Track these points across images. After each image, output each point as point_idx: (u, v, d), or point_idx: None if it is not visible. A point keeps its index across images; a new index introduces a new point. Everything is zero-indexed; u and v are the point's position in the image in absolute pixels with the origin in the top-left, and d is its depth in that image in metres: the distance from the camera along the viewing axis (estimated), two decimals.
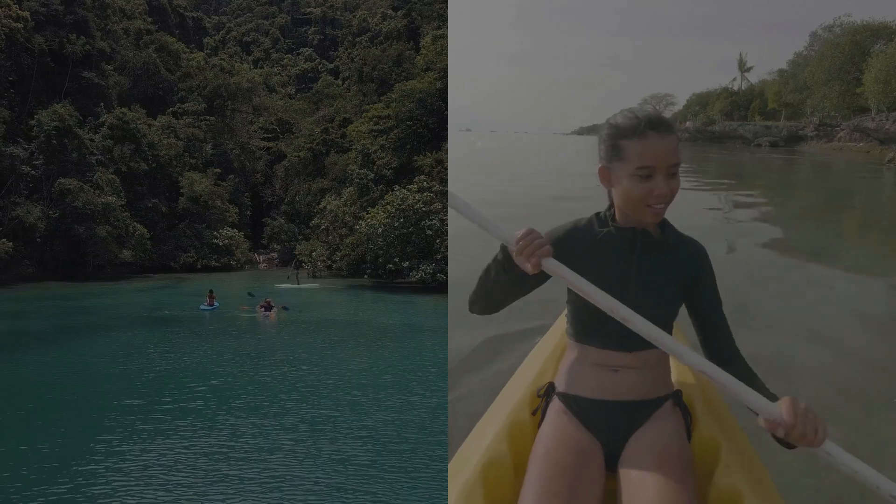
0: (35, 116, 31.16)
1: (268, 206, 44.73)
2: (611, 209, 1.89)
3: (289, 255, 36.62)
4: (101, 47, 36.86)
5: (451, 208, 1.63)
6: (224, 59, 51.22)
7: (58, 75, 34.49)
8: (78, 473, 5.87)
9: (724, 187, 22.52)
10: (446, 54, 28.27)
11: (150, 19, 48.80)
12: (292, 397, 8.58)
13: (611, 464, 1.87)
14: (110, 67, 38.46)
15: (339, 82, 55.72)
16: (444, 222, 22.73)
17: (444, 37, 29.76)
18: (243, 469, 5.93)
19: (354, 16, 65.68)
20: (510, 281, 1.78)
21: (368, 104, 34.78)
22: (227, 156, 42.45)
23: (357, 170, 29.64)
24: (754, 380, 1.78)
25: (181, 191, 36.97)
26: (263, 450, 6.45)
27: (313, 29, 74.75)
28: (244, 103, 46.13)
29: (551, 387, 2.06)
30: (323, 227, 31.19)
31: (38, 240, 29.84)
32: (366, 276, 26.61)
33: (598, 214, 1.90)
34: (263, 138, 47.52)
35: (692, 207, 14.40)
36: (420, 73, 29.91)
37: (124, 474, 5.82)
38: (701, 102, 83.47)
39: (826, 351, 4.94)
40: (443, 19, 33.98)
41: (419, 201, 23.60)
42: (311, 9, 76.27)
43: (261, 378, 9.81)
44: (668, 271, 1.85)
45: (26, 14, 32.63)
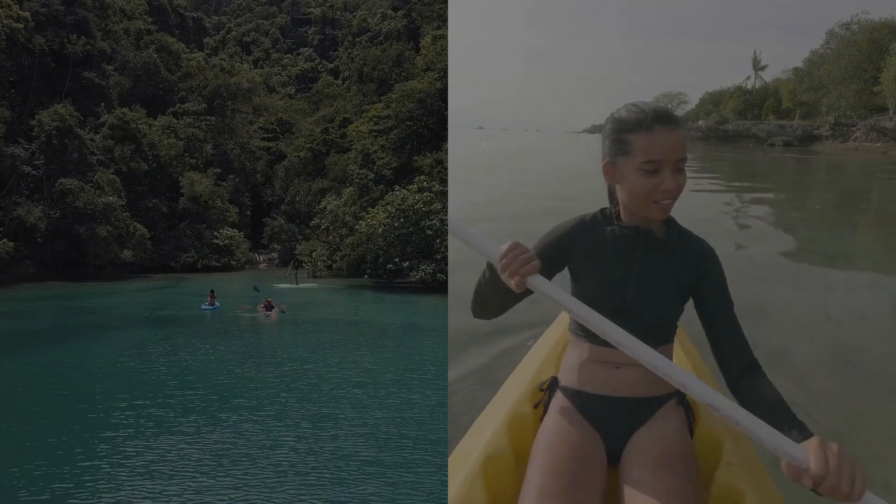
0: (36, 116, 31.18)
1: (268, 206, 44.78)
2: (615, 207, 1.86)
3: (289, 255, 36.67)
4: (102, 47, 36.89)
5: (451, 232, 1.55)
6: (224, 60, 51.22)
7: (58, 75, 34.51)
8: (83, 469, 5.95)
9: (736, 188, 21.97)
10: (446, 54, 28.33)
11: (150, 19, 48.83)
12: (294, 395, 8.66)
13: (613, 459, 1.86)
14: (111, 68, 38.47)
15: (339, 82, 55.75)
16: (443, 222, 22.79)
17: (444, 37, 29.79)
18: (246, 465, 6.01)
19: (354, 16, 65.73)
20: (502, 295, 1.70)
21: (368, 104, 34.81)
22: (228, 156, 42.49)
23: (357, 170, 29.68)
24: (775, 405, 1.57)
25: (181, 191, 37.02)
26: (266, 446, 6.54)
27: (313, 29, 74.78)
28: (244, 103, 46.14)
29: (554, 381, 2.04)
30: (323, 227, 31.24)
31: (39, 240, 29.87)
32: (366, 276, 26.67)
33: (602, 211, 1.88)
34: (263, 138, 47.56)
35: (702, 208, 14.19)
36: (420, 74, 29.95)
37: (128, 470, 5.91)
38: (714, 101, 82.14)
39: (842, 365, 4.78)
40: (443, 19, 34.00)
41: (419, 201, 23.66)
42: (311, 9, 76.30)
43: (262, 377, 9.89)
44: (671, 271, 1.80)
45: (27, 14, 32.64)
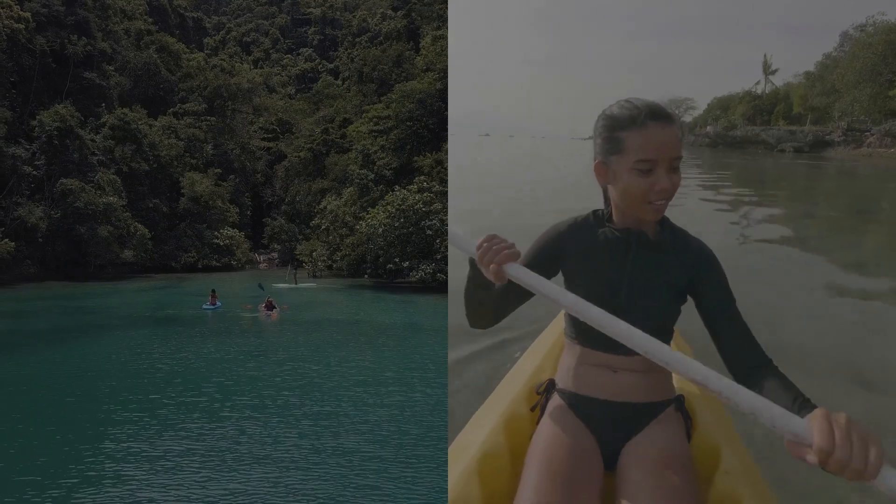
0: (37, 117, 31.25)
1: (268, 206, 44.86)
2: (608, 208, 1.82)
3: (289, 255, 36.77)
4: (103, 48, 36.95)
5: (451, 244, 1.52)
6: (224, 60, 51.28)
7: (59, 76, 34.57)
8: (88, 466, 6.04)
9: (745, 196, 21.27)
10: (446, 55, 28.40)
11: (150, 20, 48.91)
12: (295, 394, 8.74)
13: (609, 464, 1.84)
14: (111, 68, 38.51)
15: (339, 82, 55.82)
16: (443, 222, 22.87)
17: (444, 37, 29.86)
18: (249, 462, 6.10)
19: (354, 16, 65.80)
20: (489, 294, 1.65)
21: (368, 104, 34.89)
22: (228, 156, 42.57)
23: (357, 170, 29.75)
24: (787, 389, 1.41)
25: (182, 191, 37.10)
26: (268, 443, 6.62)
27: (313, 29, 74.85)
28: (244, 103, 46.19)
29: (551, 383, 2.02)
30: (323, 227, 31.31)
31: (40, 240, 29.93)
32: (366, 276, 26.75)
33: (595, 213, 1.84)
34: (264, 138, 47.63)
35: (709, 215, 13.92)
36: (420, 74, 30.02)
37: (133, 467, 5.99)
38: (722, 106, 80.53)
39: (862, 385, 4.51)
40: (442, 20, 34.06)
41: (419, 201, 23.72)
42: (310, 9, 76.37)
43: (264, 375, 9.97)
44: (665, 273, 1.74)
45: (28, 15, 32.72)
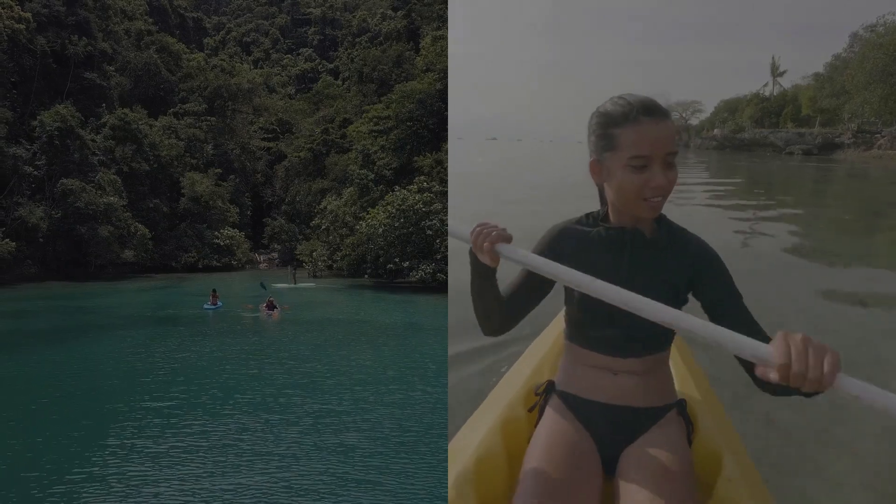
0: (37, 117, 31.30)
1: (268, 206, 44.93)
2: (603, 207, 1.81)
3: (289, 254, 36.85)
4: (103, 48, 37.02)
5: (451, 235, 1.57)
6: (224, 60, 51.35)
7: (60, 76, 34.64)
8: (93, 462, 6.12)
9: (753, 199, 20.74)
10: (446, 55, 28.46)
11: (150, 20, 49.00)
12: (297, 392, 8.82)
13: (609, 467, 1.81)
14: (112, 68, 38.57)
15: (339, 83, 55.89)
16: (444, 222, 22.95)
17: (444, 38, 29.91)
18: (251, 458, 6.17)
19: (354, 16, 65.85)
20: (493, 290, 1.68)
21: (368, 105, 34.93)
22: (228, 156, 42.64)
23: (357, 170, 29.81)
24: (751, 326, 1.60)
25: (182, 191, 37.17)
26: (270, 441, 6.70)
27: (313, 29, 74.91)
28: (245, 104, 46.26)
29: (550, 385, 1.99)
30: (323, 227, 31.38)
31: (41, 240, 29.99)
32: (366, 276, 26.83)
33: (590, 214, 1.83)
34: (264, 138, 47.70)
35: (716, 220, 13.69)
36: (420, 74, 30.09)
37: (137, 464, 6.06)
38: (729, 109, 79.59)
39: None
40: (442, 20, 34.13)
41: (419, 202, 23.78)
42: (310, 9, 76.44)
43: (266, 374, 10.04)
44: (663, 272, 1.71)
45: (28, 15, 32.78)
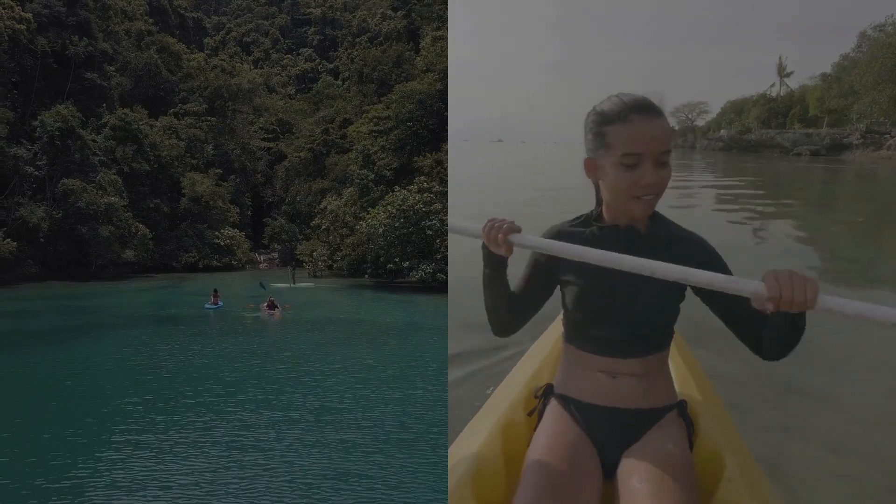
0: (38, 117, 31.37)
1: (268, 206, 45.02)
2: (598, 207, 1.81)
3: (289, 254, 36.93)
4: (104, 48, 37.10)
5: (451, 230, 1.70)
6: (224, 60, 51.45)
7: (60, 76, 34.73)
8: (99, 459, 6.19)
9: (760, 200, 20.41)
10: (446, 56, 28.53)
11: (150, 20, 49.09)
12: (299, 391, 8.90)
13: (609, 471, 1.80)
14: (112, 68, 38.65)
15: (339, 83, 55.97)
16: (444, 223, 23.02)
17: (444, 38, 29.99)
18: (255, 455, 6.25)
19: (354, 16, 65.95)
20: (504, 285, 1.75)
21: (368, 105, 35.02)
22: (228, 156, 42.73)
23: (357, 170, 29.89)
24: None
25: (183, 191, 37.26)
26: (272, 438, 6.77)
27: (313, 29, 75.00)
28: (245, 104, 46.35)
29: (549, 388, 1.99)
30: (323, 227, 31.46)
31: (42, 240, 30.06)
32: (366, 276, 26.91)
33: (580, 216, 1.85)
34: (264, 139, 47.78)
35: (723, 224, 13.46)
36: (420, 75, 30.16)
37: (142, 460, 6.14)
38: (736, 110, 79.28)
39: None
40: (442, 20, 34.21)
41: (419, 202, 23.86)
42: (310, 9, 76.54)
43: (268, 373, 10.12)
44: None
45: (29, 16, 32.86)
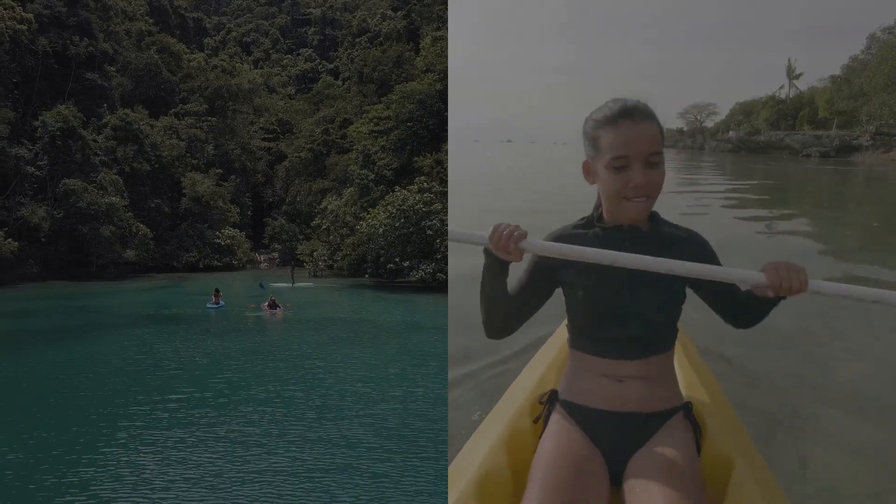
0: (39, 117, 31.52)
1: (269, 206, 45.14)
2: (598, 209, 1.85)
3: (290, 254, 37.05)
4: (104, 49, 37.22)
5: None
6: (224, 60, 51.56)
7: (61, 77, 34.86)
8: (104, 455, 6.27)
9: (769, 202, 20.00)
10: (446, 56, 28.60)
11: (151, 20, 49.20)
12: (301, 388, 8.98)
13: (616, 478, 1.79)
14: (113, 69, 38.78)
15: (339, 83, 56.07)
16: (444, 222, 23.09)
17: (444, 38, 30.07)
18: (258, 451, 6.33)
19: (354, 16, 66.01)
20: (504, 289, 1.77)
21: (368, 105, 35.12)
22: (229, 156, 42.86)
23: (358, 170, 29.98)
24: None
25: (183, 191, 37.40)
26: (275, 435, 6.85)
27: (313, 29, 75.11)
28: (245, 104, 46.47)
29: (554, 394, 1.99)
30: (324, 227, 31.56)
31: (43, 240, 30.18)
32: (367, 276, 26.99)
33: (582, 218, 1.88)
34: (264, 139, 47.92)
35: (732, 227, 13.22)
36: (420, 75, 30.26)
37: (147, 456, 6.22)
38: (744, 111, 79.20)
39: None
40: (442, 20, 34.28)
41: (419, 202, 23.95)
42: (310, 9, 76.65)
43: (270, 371, 10.20)
44: None
45: (30, 16, 32.98)
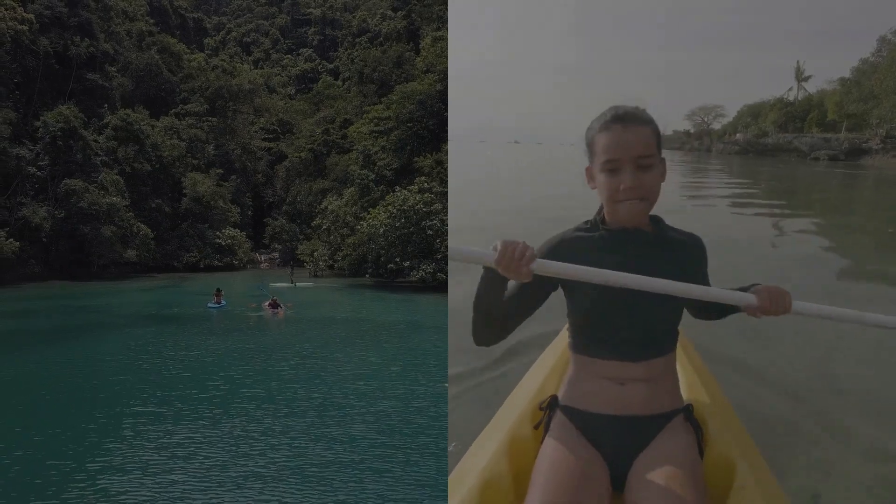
0: (41, 118, 31.58)
1: (269, 206, 45.20)
2: (601, 212, 1.87)
3: (290, 254, 37.15)
4: (105, 49, 37.26)
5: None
6: (224, 60, 51.61)
7: (62, 77, 34.90)
8: (111, 451, 6.39)
9: (777, 206, 19.44)
10: (446, 56, 28.70)
11: (151, 21, 49.27)
12: (303, 386, 9.09)
13: (617, 482, 1.79)
14: (113, 69, 38.83)
15: (340, 83, 56.14)
16: (444, 223, 23.19)
17: (444, 38, 30.14)
18: (262, 447, 6.45)
19: (354, 16, 66.07)
20: (500, 300, 1.78)
21: (369, 105, 35.22)
22: (229, 156, 42.93)
23: (358, 170, 30.08)
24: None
25: (184, 191, 37.46)
26: (279, 432, 6.97)
27: (313, 29, 75.15)
28: (245, 104, 46.53)
29: (554, 400, 1.98)
30: (324, 227, 31.64)
31: (44, 240, 30.24)
32: (367, 276, 27.09)
33: (587, 221, 1.90)
34: (264, 139, 47.97)
35: (739, 230, 13.04)
36: (420, 75, 30.35)
37: (153, 452, 6.33)
38: (752, 114, 78.52)
39: None
40: (442, 20, 34.36)
41: (420, 202, 24.06)
42: (310, 9, 76.70)
43: (272, 370, 10.31)
44: (669, 268, 1.78)
45: (31, 16, 33.03)
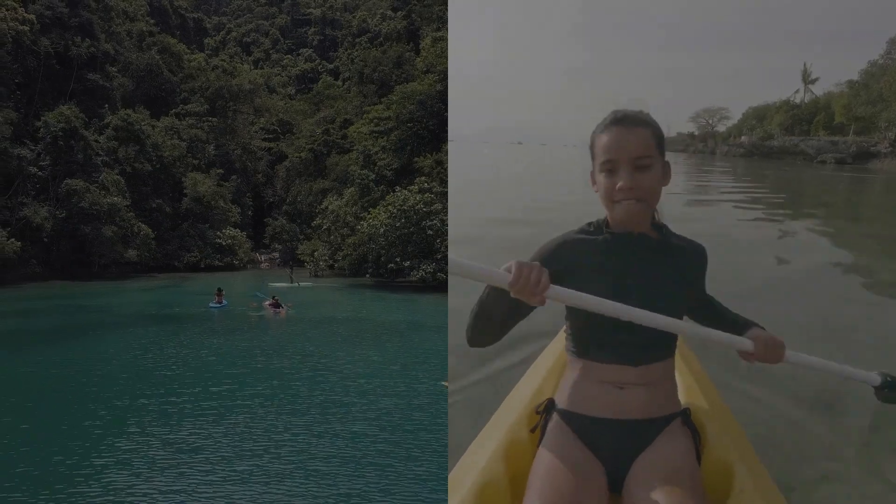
0: (41, 118, 31.65)
1: (269, 206, 45.27)
2: (604, 217, 1.86)
3: (291, 254, 37.23)
4: (106, 49, 37.34)
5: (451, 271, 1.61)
6: (225, 60, 51.67)
7: (63, 77, 34.97)
8: (117, 447, 6.49)
9: (782, 210, 18.59)
10: (446, 56, 28.79)
11: (151, 21, 49.35)
12: (305, 385, 9.19)
13: (615, 487, 1.78)
14: (114, 69, 38.91)
15: (340, 83, 56.23)
16: (444, 223, 23.28)
17: (444, 38, 30.23)
18: (265, 444, 6.54)
19: (354, 17, 66.14)
20: (501, 310, 1.76)
21: (369, 105, 35.30)
22: (230, 156, 43.01)
23: (358, 170, 30.16)
24: (727, 313, 2.02)
25: (185, 191, 37.53)
26: (282, 429, 7.06)
27: (313, 30, 75.24)
28: (246, 104, 46.61)
29: (551, 403, 1.96)
30: (324, 227, 31.72)
31: (45, 240, 30.32)
32: (368, 276, 27.17)
33: (590, 224, 1.88)
34: (265, 139, 48.04)
35: (744, 232, 12.64)
36: (420, 75, 30.44)
37: (158, 448, 6.43)
38: (758, 116, 78.27)
39: None
40: (442, 21, 34.45)
41: (420, 202, 24.13)
42: (310, 9, 76.78)
43: (274, 368, 10.40)
44: (671, 274, 1.79)
45: (32, 17, 33.10)
